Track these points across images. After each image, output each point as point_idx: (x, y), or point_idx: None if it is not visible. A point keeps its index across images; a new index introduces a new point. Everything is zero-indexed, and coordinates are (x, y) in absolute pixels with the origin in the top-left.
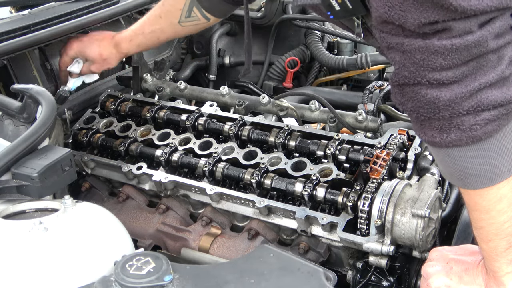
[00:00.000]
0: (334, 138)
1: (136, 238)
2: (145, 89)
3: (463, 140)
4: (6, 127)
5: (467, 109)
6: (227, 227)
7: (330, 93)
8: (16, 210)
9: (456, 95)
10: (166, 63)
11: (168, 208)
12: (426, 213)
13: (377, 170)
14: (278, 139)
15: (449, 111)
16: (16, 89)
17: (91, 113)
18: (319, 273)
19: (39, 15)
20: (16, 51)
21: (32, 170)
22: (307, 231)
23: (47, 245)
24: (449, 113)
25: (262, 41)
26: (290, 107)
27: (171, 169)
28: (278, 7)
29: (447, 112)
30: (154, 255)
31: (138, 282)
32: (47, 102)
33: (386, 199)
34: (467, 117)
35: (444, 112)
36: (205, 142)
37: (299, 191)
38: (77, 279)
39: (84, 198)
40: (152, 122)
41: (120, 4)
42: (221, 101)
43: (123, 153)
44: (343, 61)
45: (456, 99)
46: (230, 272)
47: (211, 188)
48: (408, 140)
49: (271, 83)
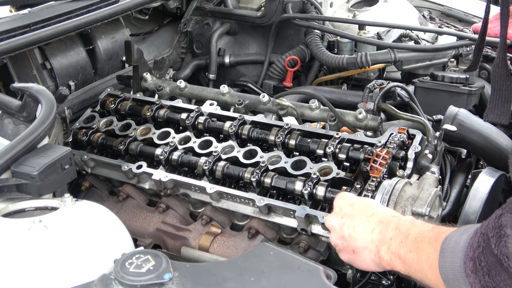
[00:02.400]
0: (334, 137)
1: (136, 237)
2: (145, 88)
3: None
4: (6, 126)
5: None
6: (227, 226)
7: (330, 92)
8: (16, 209)
9: None
10: (166, 62)
11: (168, 207)
12: (426, 211)
13: (377, 169)
14: (278, 138)
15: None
16: (16, 87)
17: (91, 112)
18: (319, 271)
19: (39, 14)
20: (16, 50)
21: (32, 168)
22: (307, 229)
23: (46, 243)
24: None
25: (262, 40)
26: (290, 106)
27: (171, 168)
28: (278, 6)
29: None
30: (154, 253)
31: (138, 280)
32: (46, 101)
33: (386, 197)
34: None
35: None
36: (205, 141)
37: (299, 189)
38: (77, 277)
39: (84, 197)
40: (152, 121)
41: (120, 3)
42: (221, 100)
43: (123, 152)
44: (343, 60)
45: None
46: (230, 270)
47: (211, 187)
48: (408, 139)
49: (271, 82)
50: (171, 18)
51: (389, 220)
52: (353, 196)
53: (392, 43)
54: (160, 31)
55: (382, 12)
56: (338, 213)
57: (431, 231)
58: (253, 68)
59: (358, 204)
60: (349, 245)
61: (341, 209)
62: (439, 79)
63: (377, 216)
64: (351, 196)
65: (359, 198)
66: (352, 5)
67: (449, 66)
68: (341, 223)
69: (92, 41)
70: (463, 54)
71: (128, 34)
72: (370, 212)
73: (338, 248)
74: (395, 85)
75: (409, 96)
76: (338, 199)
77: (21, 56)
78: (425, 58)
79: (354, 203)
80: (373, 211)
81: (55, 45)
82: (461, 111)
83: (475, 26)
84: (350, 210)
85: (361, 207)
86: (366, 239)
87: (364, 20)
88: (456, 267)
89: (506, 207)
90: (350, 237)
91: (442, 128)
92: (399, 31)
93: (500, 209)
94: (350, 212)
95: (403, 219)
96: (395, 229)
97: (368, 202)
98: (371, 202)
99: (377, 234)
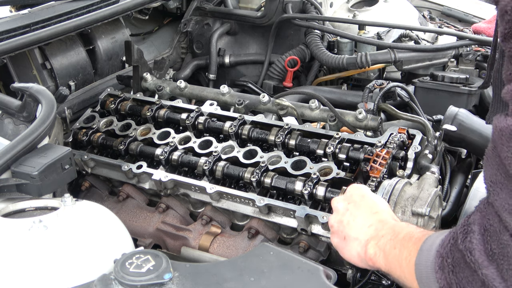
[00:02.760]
0: (334, 137)
1: (136, 237)
2: (145, 88)
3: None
4: (6, 126)
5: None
6: (227, 226)
7: (330, 92)
8: (16, 209)
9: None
10: (166, 62)
11: (168, 207)
12: (426, 211)
13: (377, 169)
14: (278, 138)
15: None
16: (16, 88)
17: (91, 112)
18: (319, 271)
19: (39, 14)
20: (16, 50)
21: (32, 168)
22: (307, 229)
23: (46, 243)
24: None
25: (262, 41)
26: (290, 106)
27: (171, 168)
28: (278, 6)
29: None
30: (154, 253)
31: (138, 280)
32: (47, 101)
33: (386, 197)
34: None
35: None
36: (205, 141)
37: (299, 189)
38: (77, 277)
39: (84, 197)
40: (152, 121)
41: (120, 3)
42: (221, 100)
43: (123, 152)
44: (343, 60)
45: None
46: (230, 270)
47: (211, 187)
48: (408, 139)
49: (271, 82)
50: (171, 18)
51: (388, 221)
52: (366, 189)
53: (392, 43)
54: (160, 31)
55: (382, 12)
56: (347, 198)
57: (420, 232)
58: (253, 68)
59: (368, 198)
60: (343, 231)
61: (351, 195)
62: (439, 79)
63: (380, 215)
64: (365, 188)
65: (371, 193)
66: (352, 5)
67: (449, 66)
68: (345, 207)
69: (92, 41)
70: (463, 54)
71: (128, 34)
72: (375, 209)
73: (332, 229)
74: (395, 85)
75: (409, 96)
76: (352, 187)
77: (21, 56)
78: (425, 58)
79: (364, 195)
80: (378, 210)
81: (55, 45)
82: (461, 111)
83: (475, 26)
84: (359, 200)
85: (370, 202)
86: (360, 231)
87: (364, 20)
88: (428, 265)
89: (477, 206)
90: (348, 224)
91: (442, 128)
92: (399, 31)
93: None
94: (358, 201)
95: (400, 222)
96: (389, 228)
97: (377, 200)
98: (380, 202)
99: (373, 230)
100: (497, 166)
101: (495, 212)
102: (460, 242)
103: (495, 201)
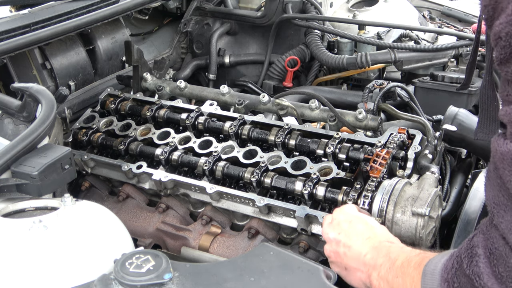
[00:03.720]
0: (334, 137)
1: (136, 237)
2: (145, 88)
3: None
4: (6, 126)
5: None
6: (227, 226)
7: (330, 92)
8: (16, 209)
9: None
10: (166, 62)
11: (168, 207)
12: (426, 212)
13: (377, 169)
14: (278, 138)
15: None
16: (16, 87)
17: (91, 112)
18: (319, 271)
19: (39, 14)
20: (16, 50)
21: (32, 168)
22: (307, 229)
23: (46, 243)
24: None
25: (262, 40)
26: (290, 106)
27: (171, 168)
28: (278, 6)
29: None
30: (154, 253)
31: (138, 280)
32: (46, 101)
33: (386, 197)
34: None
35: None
36: (205, 141)
37: (299, 189)
38: (77, 277)
39: (84, 197)
40: (152, 121)
41: (120, 3)
42: (221, 100)
43: (123, 152)
44: (343, 60)
45: None
46: (230, 270)
47: (211, 187)
48: (408, 139)
49: (271, 82)
50: (171, 18)
51: (382, 247)
52: (352, 212)
53: (392, 43)
54: (160, 31)
55: (382, 12)
56: (335, 227)
57: (417, 256)
58: (253, 68)
59: (356, 223)
60: (342, 262)
61: (339, 223)
62: (439, 79)
63: (372, 241)
64: (350, 211)
65: (357, 215)
66: (352, 5)
67: (449, 66)
68: (337, 238)
69: (92, 41)
70: (463, 54)
71: (128, 34)
72: (366, 235)
73: (330, 259)
74: (395, 85)
75: (409, 96)
76: (337, 212)
77: (21, 56)
78: (425, 58)
79: (352, 221)
80: (369, 235)
81: (55, 45)
82: (461, 111)
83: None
84: (348, 227)
85: (359, 228)
86: (359, 261)
87: (364, 20)
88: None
89: (479, 228)
90: (345, 255)
91: (442, 128)
92: (399, 31)
93: (474, 231)
94: (347, 230)
95: (393, 246)
96: (385, 256)
97: (365, 222)
98: (368, 222)
99: (369, 259)
100: (499, 188)
101: (500, 235)
102: (466, 267)
103: (500, 224)
